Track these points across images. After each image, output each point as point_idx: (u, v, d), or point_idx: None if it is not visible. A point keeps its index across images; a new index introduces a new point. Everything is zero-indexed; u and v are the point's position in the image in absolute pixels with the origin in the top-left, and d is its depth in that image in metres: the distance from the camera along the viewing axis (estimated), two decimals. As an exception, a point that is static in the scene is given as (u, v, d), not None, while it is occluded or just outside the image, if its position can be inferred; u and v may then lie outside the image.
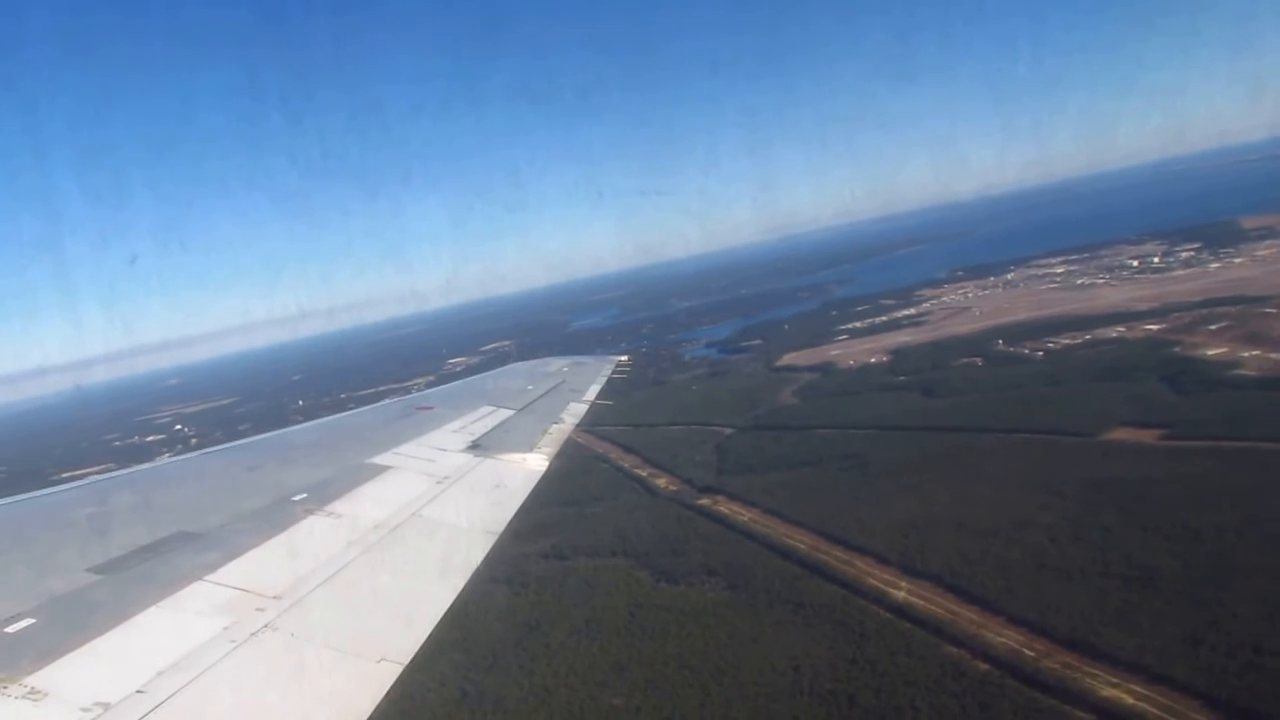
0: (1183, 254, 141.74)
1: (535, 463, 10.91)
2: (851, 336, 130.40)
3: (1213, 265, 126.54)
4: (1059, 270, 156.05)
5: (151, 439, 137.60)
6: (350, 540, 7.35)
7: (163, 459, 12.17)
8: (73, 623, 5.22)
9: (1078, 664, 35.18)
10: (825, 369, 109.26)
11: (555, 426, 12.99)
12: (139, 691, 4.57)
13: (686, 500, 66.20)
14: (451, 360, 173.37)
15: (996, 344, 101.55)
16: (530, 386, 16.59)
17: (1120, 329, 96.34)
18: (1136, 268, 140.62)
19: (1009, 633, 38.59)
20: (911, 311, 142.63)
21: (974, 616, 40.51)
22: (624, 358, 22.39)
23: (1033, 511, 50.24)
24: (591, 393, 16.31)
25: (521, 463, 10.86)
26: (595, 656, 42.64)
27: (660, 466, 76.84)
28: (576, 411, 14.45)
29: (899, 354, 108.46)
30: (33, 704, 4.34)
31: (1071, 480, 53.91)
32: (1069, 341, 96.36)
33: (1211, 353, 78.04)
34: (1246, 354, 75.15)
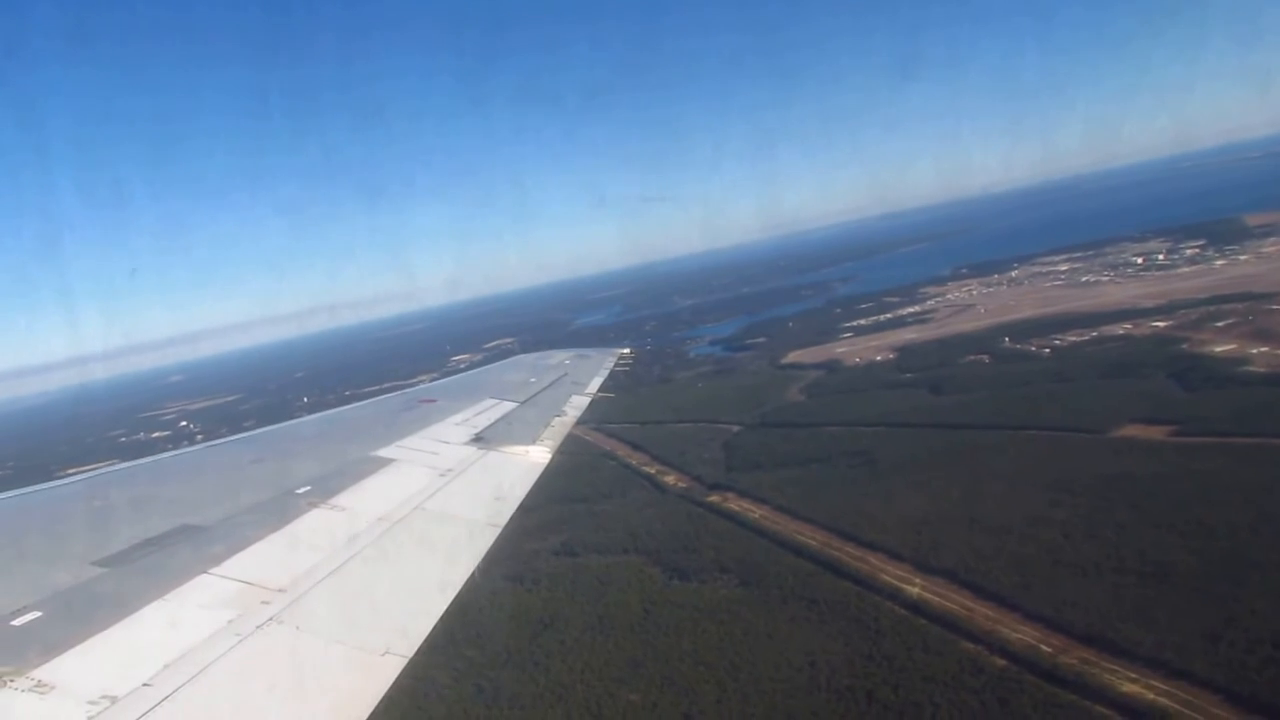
0: (1187, 251, 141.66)
1: (538, 455, 10.85)
2: (856, 334, 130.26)
3: (1218, 262, 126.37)
4: (1063, 267, 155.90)
5: (156, 435, 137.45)
6: (354, 533, 7.35)
7: (166, 453, 12.19)
8: (78, 616, 5.21)
9: (1096, 659, 35.17)
10: (831, 366, 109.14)
11: (558, 419, 12.91)
12: (145, 684, 4.57)
13: (696, 497, 66.19)
14: (455, 357, 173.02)
15: (1003, 341, 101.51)
16: (533, 379, 16.53)
17: (1127, 326, 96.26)
18: (1141, 265, 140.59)
19: (1025, 628, 38.60)
20: (916, 309, 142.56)
21: (989, 612, 40.52)
22: (626, 350, 22.18)
23: (1045, 508, 50.23)
24: (594, 385, 16.21)
25: (524, 455, 10.80)
26: (610, 653, 42.63)
27: (668, 463, 76.77)
28: (579, 404, 14.37)
29: (905, 351, 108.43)
30: (39, 697, 4.33)
31: (1083, 477, 53.86)
32: (1075, 338, 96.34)
33: (1219, 349, 78.00)
34: (1254, 350, 75.10)
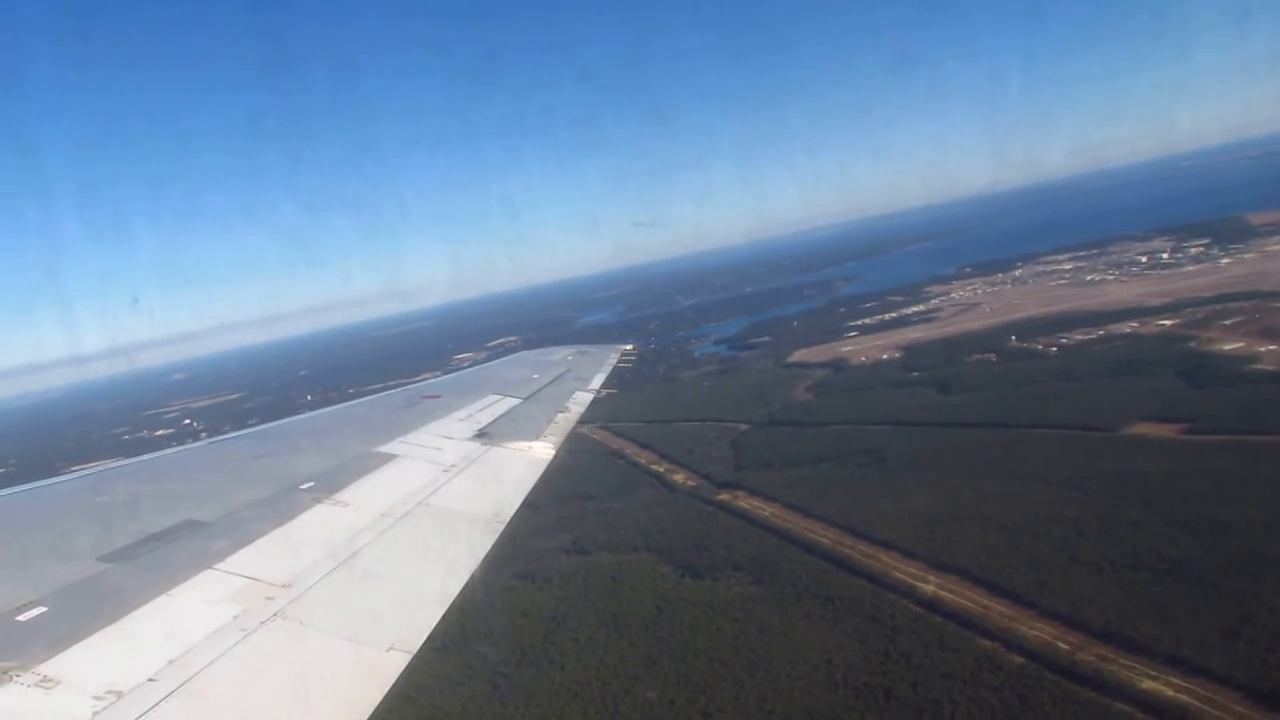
0: (1191, 250, 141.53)
1: (541, 451, 10.87)
2: (861, 333, 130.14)
3: (1223, 260, 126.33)
4: (1067, 266, 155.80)
5: (160, 433, 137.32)
6: (358, 529, 7.34)
7: (170, 449, 12.21)
8: (83, 611, 5.21)
9: (1114, 656, 35.17)
10: (837, 365, 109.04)
11: (561, 415, 12.94)
12: (150, 679, 4.57)
13: (705, 495, 66.17)
14: (459, 355, 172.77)
15: (1009, 340, 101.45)
16: (536, 375, 16.55)
17: (1133, 324, 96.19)
18: (1145, 263, 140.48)
19: (1042, 626, 38.60)
20: (921, 308, 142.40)
21: (1005, 610, 40.51)
22: (628, 347, 22.33)
23: (1058, 506, 50.22)
24: (597, 381, 16.23)
25: (528, 451, 10.82)
26: (625, 651, 42.62)
27: (677, 462, 76.73)
28: (582, 400, 14.40)
29: (911, 350, 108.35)
30: (45, 692, 4.33)
31: (1094, 475, 53.87)
32: (1082, 337, 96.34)
33: (1228, 347, 78.03)
34: (1263, 348, 75.14)
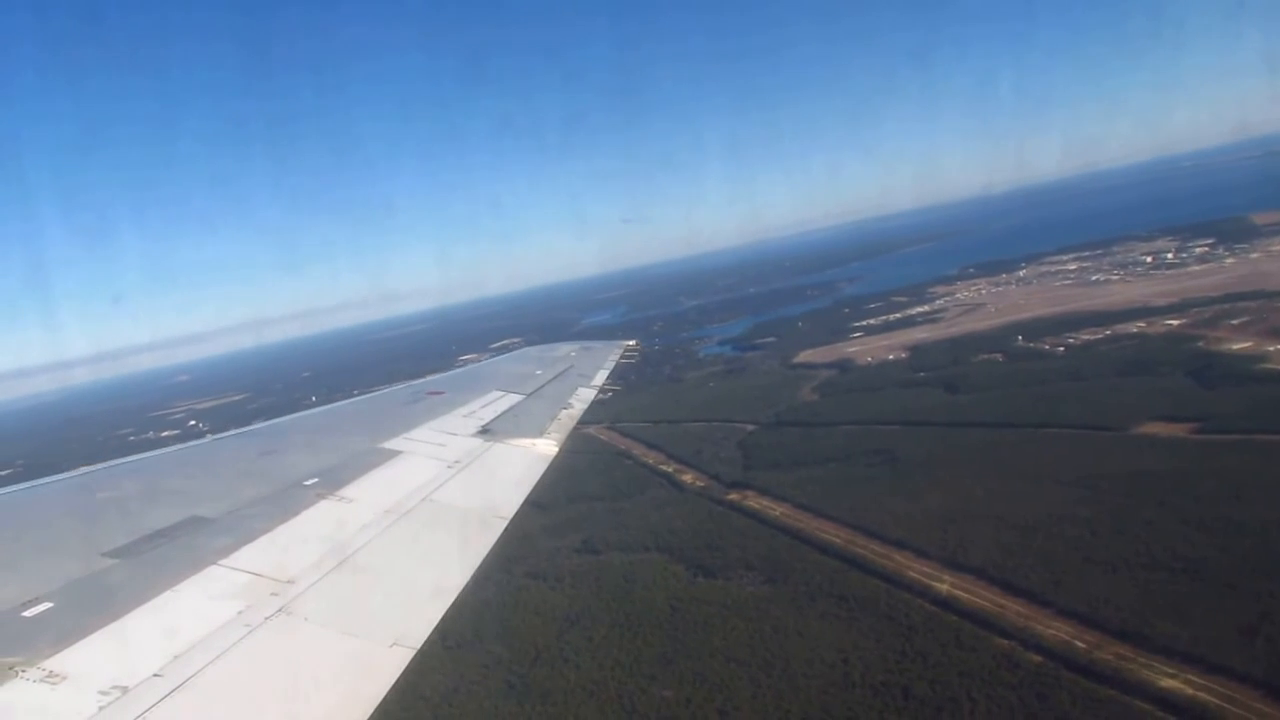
0: (1196, 249, 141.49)
1: (545, 448, 10.87)
2: (867, 333, 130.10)
3: (1228, 260, 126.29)
4: (1071, 267, 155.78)
5: (166, 434, 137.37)
6: (362, 524, 7.35)
7: (175, 446, 12.23)
8: (89, 607, 5.23)
9: (1132, 655, 35.17)
10: (843, 366, 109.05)
11: (564, 412, 12.95)
12: (156, 675, 4.60)
13: (715, 495, 66.17)
14: (463, 357, 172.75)
15: (1016, 340, 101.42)
16: (539, 371, 16.57)
17: (1140, 324, 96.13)
18: (1150, 263, 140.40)
19: (1058, 624, 38.61)
20: (925, 308, 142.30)
21: (1021, 609, 40.52)
22: (631, 342, 22.27)
23: (1070, 505, 50.23)
24: (600, 378, 16.24)
25: (531, 448, 10.82)
26: (639, 650, 42.65)
27: (685, 462, 76.72)
28: (585, 397, 14.40)
29: (917, 350, 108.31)
30: (51, 687, 4.35)
31: (1106, 474, 53.88)
32: (1089, 337, 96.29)
33: (1236, 347, 78.04)
34: (1271, 348, 75.13)
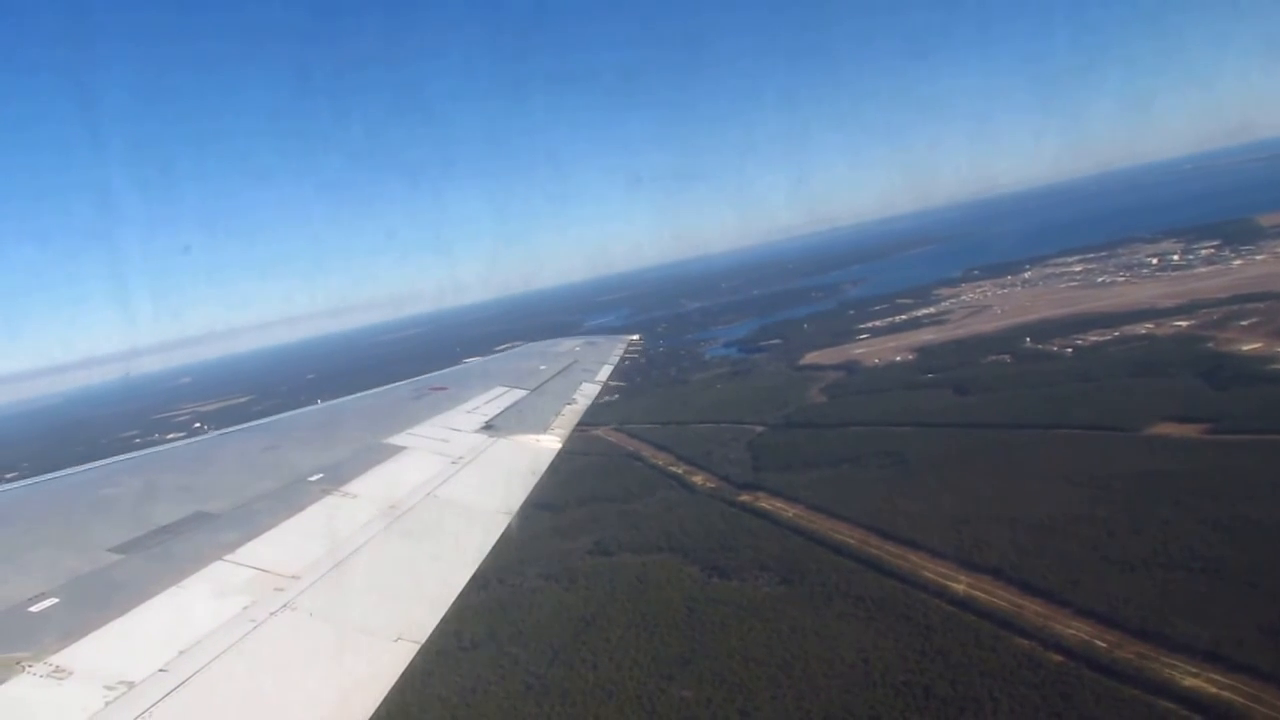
0: (1202, 251, 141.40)
1: (549, 443, 10.87)
2: (873, 335, 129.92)
3: (1235, 262, 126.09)
4: (1077, 268, 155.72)
5: (172, 436, 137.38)
6: (366, 520, 7.37)
7: (180, 442, 12.31)
8: (95, 602, 5.24)
9: (1153, 654, 35.15)
10: (850, 367, 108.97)
11: (568, 407, 12.90)
12: (161, 670, 4.60)
13: (727, 496, 66.13)
14: (467, 359, 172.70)
15: (1024, 341, 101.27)
16: (543, 367, 16.50)
17: (1149, 325, 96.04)
18: (1156, 265, 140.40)
19: (1078, 624, 38.58)
20: (931, 310, 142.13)
21: (1039, 609, 40.49)
22: (635, 337, 22.30)
23: (1085, 505, 50.24)
24: (604, 373, 16.15)
25: (535, 443, 10.80)
26: (657, 650, 42.62)
27: (694, 463, 76.67)
28: (589, 392, 14.32)
29: (924, 352, 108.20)
30: (57, 683, 4.35)
31: (1120, 474, 53.87)
32: (1097, 338, 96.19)
33: (1246, 348, 77.94)
34: (1282, 349, 75.09)
